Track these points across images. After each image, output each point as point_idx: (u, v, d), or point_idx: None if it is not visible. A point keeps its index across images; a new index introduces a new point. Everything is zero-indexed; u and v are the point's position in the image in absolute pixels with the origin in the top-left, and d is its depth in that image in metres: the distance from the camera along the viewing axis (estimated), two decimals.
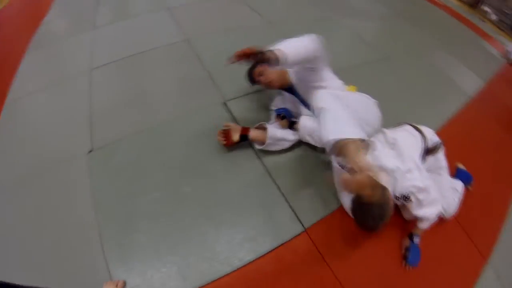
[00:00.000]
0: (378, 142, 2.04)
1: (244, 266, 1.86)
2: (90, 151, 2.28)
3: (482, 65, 5.67)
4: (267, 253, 1.91)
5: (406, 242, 2.14)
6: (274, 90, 2.66)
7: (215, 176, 2.28)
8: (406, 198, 1.86)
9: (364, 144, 1.78)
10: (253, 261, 1.88)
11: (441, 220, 2.21)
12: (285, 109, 2.56)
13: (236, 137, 2.37)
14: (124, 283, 1.77)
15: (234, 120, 2.46)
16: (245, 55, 2.03)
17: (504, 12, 12.28)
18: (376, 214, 1.66)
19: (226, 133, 2.39)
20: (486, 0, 12.86)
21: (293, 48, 1.94)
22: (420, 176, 1.86)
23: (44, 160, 2.25)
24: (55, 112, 2.59)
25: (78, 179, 2.15)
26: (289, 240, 1.96)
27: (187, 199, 2.14)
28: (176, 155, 2.37)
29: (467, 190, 2.64)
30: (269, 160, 2.41)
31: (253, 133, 2.41)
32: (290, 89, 2.62)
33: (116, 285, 1.74)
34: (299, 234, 2.00)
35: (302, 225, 2.03)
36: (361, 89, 2.60)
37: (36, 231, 1.91)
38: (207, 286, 1.78)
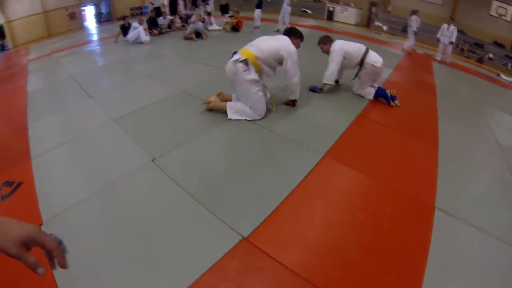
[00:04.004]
0: None
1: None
2: (153, 160, 2.90)
3: (387, 61, 7.82)
4: None
5: None
6: None
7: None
8: None
9: None
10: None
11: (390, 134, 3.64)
12: None
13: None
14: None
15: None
16: None
17: (391, 20, 15.52)
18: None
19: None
20: (376, 18, 16.14)
21: None
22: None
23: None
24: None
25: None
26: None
27: (245, 162, 2.93)
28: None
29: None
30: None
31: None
32: None
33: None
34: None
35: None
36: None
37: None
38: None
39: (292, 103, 4.03)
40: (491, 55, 13.59)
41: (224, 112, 3.69)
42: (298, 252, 1.99)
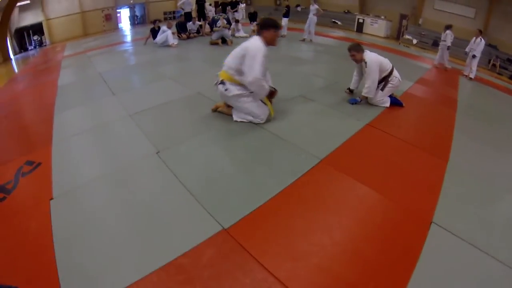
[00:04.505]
0: None
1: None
2: (158, 152, 3.15)
3: (410, 73, 7.83)
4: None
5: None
6: None
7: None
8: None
9: None
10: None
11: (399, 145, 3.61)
12: None
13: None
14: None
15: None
16: None
17: (421, 34, 15.39)
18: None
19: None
20: (406, 31, 16.06)
21: None
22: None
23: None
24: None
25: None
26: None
27: (241, 160, 3.11)
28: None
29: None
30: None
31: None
32: None
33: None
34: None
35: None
36: (330, 97, 4.80)
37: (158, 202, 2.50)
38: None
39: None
40: None
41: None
42: (275, 250, 2.04)
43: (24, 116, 4.95)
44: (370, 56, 4.47)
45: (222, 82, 3.60)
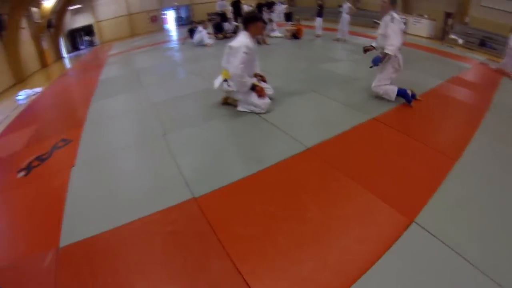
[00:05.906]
0: None
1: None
2: (164, 134, 3.69)
3: (443, 72, 7.66)
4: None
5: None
6: None
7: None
8: None
9: None
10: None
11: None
12: None
13: None
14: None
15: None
16: None
17: (468, 33, 14.80)
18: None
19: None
20: (451, 31, 15.54)
21: None
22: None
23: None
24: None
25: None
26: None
27: (231, 143, 3.25)
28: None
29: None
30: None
31: None
32: None
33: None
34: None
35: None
36: (343, 92, 5.05)
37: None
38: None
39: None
40: None
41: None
42: (233, 221, 2.28)
43: (66, 105, 5.75)
44: (396, 14, 4.32)
45: (225, 80, 3.99)
